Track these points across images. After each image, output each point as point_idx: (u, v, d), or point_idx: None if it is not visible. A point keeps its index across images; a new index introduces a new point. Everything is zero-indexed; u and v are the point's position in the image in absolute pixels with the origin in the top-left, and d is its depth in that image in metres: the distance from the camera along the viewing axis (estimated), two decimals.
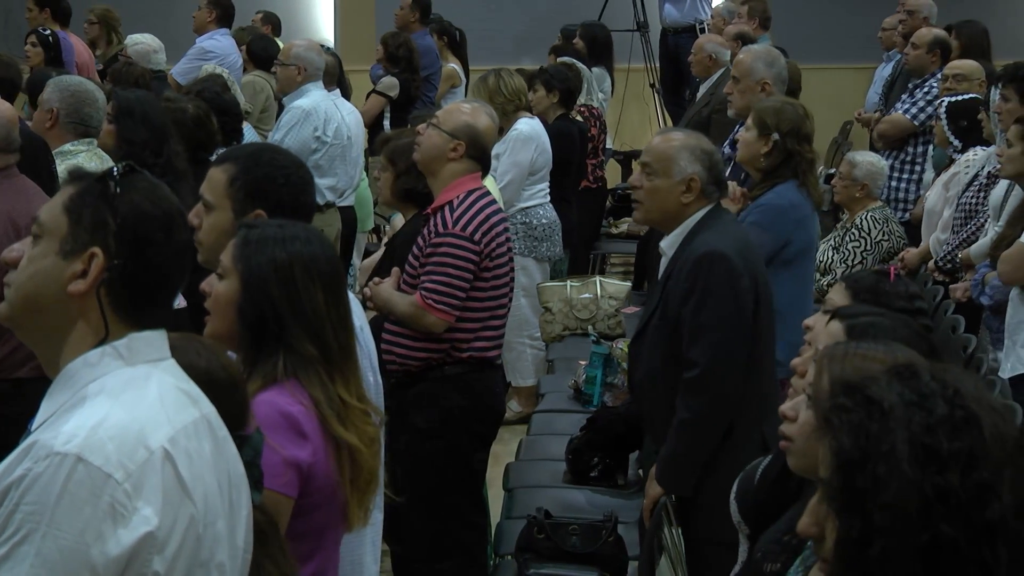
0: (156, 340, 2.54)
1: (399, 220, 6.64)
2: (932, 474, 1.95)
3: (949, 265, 7.40)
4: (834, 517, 2.01)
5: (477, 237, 5.44)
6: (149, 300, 2.53)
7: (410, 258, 5.53)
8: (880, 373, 2.09)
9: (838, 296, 3.82)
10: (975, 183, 7.35)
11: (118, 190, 2.51)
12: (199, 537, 2.46)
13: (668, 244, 4.99)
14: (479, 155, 5.58)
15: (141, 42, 10.03)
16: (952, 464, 1.95)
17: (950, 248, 7.38)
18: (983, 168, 7.36)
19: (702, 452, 4.78)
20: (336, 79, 9.31)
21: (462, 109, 5.71)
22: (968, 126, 7.65)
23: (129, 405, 2.44)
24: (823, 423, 2.07)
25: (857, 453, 1.99)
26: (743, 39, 9.81)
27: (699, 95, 9.30)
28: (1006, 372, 5.99)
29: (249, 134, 8.47)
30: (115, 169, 2.55)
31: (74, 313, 2.49)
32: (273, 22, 12.39)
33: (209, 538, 2.49)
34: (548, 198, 8.68)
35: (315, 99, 8.66)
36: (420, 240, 5.51)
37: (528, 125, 8.52)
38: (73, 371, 2.48)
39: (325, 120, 8.65)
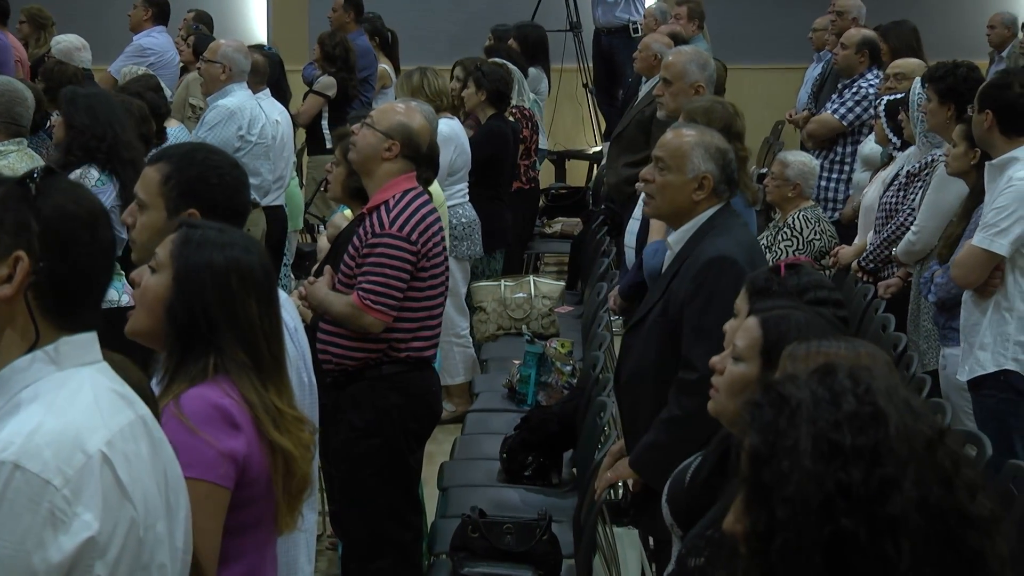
0: (87, 342, 2.52)
1: (339, 218, 6.62)
2: (835, 469, 1.98)
3: (872, 265, 7.46)
4: (745, 512, 2.06)
5: (414, 237, 5.43)
6: (78, 301, 2.51)
7: (346, 258, 5.51)
8: (802, 371, 2.13)
9: (739, 297, 3.85)
10: (895, 183, 7.40)
11: (38, 192, 2.48)
12: (140, 540, 2.46)
13: (675, 240, 5.00)
14: (414, 154, 5.55)
15: (64, 41, 9.95)
16: (855, 459, 1.99)
17: (872, 247, 7.44)
18: (903, 168, 7.41)
19: (686, 450, 4.77)
20: (266, 80, 9.22)
21: (396, 108, 5.69)
22: None
23: (64, 410, 2.42)
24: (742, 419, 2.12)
25: (764, 448, 2.03)
26: (676, 39, 9.84)
27: (641, 94, 9.32)
28: (964, 375, 5.92)
29: (182, 134, 8.43)
30: (35, 172, 2.52)
31: (2, 319, 2.46)
32: (205, 21, 12.31)
33: (150, 540, 2.49)
34: (467, 198, 8.71)
35: (240, 98, 8.59)
36: (356, 240, 5.49)
37: (447, 126, 8.50)
38: (4, 378, 2.46)
39: (250, 120, 8.56)
